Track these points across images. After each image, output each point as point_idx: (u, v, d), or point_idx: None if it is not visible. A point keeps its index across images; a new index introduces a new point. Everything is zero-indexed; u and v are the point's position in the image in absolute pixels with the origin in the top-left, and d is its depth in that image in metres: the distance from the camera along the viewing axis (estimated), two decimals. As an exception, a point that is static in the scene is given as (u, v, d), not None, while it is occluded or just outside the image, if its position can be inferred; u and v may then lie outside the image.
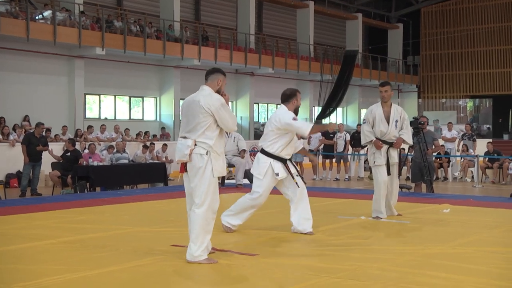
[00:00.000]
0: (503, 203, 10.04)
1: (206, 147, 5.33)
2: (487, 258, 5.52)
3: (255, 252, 5.68)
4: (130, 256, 5.59)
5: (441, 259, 5.48)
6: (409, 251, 5.85)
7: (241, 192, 11.80)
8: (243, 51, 25.71)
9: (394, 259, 5.46)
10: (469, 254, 5.71)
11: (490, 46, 34.56)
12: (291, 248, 5.92)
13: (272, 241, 6.32)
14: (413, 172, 12.13)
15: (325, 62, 29.52)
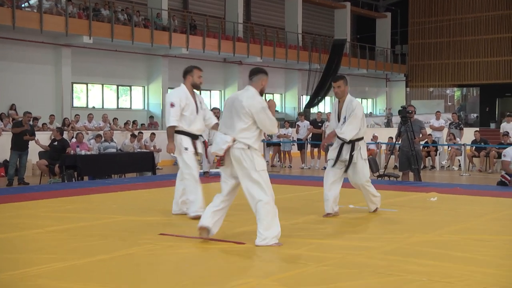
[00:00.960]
0: (489, 191, 10.12)
1: (246, 145, 5.56)
2: (474, 246, 5.57)
3: (242, 241, 5.69)
4: (119, 245, 5.59)
5: (428, 247, 5.52)
6: (397, 239, 5.88)
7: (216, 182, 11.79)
8: (231, 40, 25.63)
9: (382, 247, 5.49)
10: (456, 242, 5.75)
11: (477, 35, 34.70)
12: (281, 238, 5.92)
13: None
14: (400, 161, 12.18)
15: (313, 51, 29.51)
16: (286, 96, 30.86)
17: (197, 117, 7.21)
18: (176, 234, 6.05)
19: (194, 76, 7.19)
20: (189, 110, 7.12)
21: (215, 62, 26.53)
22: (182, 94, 7.11)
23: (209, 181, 11.77)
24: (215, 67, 26.73)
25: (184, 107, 7.09)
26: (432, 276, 4.48)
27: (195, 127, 7.21)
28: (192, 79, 7.19)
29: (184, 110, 7.09)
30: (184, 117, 7.12)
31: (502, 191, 10.03)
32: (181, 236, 5.92)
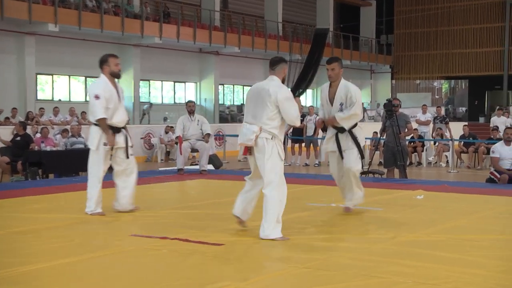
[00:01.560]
0: (478, 189, 10.24)
1: (271, 134, 5.90)
2: (462, 245, 5.63)
3: (221, 242, 5.70)
4: (87, 247, 5.56)
5: (414, 247, 5.58)
6: (381, 239, 5.93)
7: (205, 178, 11.81)
8: (207, 28, 25.56)
9: (366, 248, 5.54)
10: (443, 241, 5.81)
11: (466, 24, 35.01)
12: (256, 239, 5.94)
13: (239, 231, 6.33)
14: (385, 157, 12.27)
15: (294, 41, 29.56)
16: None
17: (118, 109, 7.28)
18: (149, 235, 6.04)
19: (111, 65, 7.27)
20: (112, 102, 7.20)
21: (190, 52, 26.45)
22: (104, 86, 7.19)
23: (184, 179, 11.75)
24: (190, 57, 26.66)
25: (108, 99, 7.15)
26: (418, 278, 4.53)
27: (117, 119, 7.28)
28: (110, 69, 7.27)
29: (108, 102, 7.15)
30: (106, 109, 7.17)
31: (491, 189, 10.17)
32: (154, 237, 5.91)
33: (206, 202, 8.54)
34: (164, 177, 11.91)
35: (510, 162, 11.02)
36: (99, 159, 7.24)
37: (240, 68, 28.93)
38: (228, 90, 30.34)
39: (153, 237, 5.94)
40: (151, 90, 26.58)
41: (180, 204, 8.44)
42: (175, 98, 27.40)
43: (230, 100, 30.42)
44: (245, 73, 29.37)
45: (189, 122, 12.63)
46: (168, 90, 27.38)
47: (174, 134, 14.21)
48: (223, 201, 8.59)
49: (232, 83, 29.94)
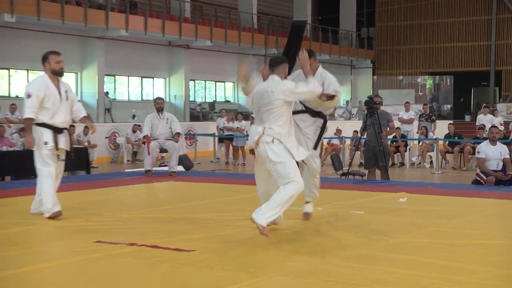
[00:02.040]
0: (463, 191, 10.37)
1: (274, 134, 6.12)
2: (446, 251, 5.70)
3: (193, 248, 5.70)
4: (45, 255, 5.52)
5: (396, 252, 5.63)
6: (362, 244, 5.98)
7: (174, 180, 11.78)
8: (177, 20, 25.50)
9: (345, 254, 5.58)
10: (427, 246, 5.88)
11: (451, 17, 35.36)
12: (229, 245, 5.96)
13: (211, 236, 6.34)
14: (366, 158, 12.36)
15: (270, 34, 29.61)
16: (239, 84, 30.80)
17: (61, 108, 7.34)
18: (114, 241, 6.01)
19: (51, 63, 7.34)
20: (50, 101, 7.25)
21: (158, 46, 26.35)
22: (41, 84, 7.26)
23: (152, 181, 11.72)
24: (158, 51, 26.56)
25: (44, 98, 7.22)
26: (399, 286, 4.58)
27: (58, 119, 7.34)
28: (50, 66, 7.33)
29: (44, 101, 7.22)
30: (45, 109, 7.24)
31: (477, 191, 10.29)
32: (120, 244, 5.89)
33: (175, 205, 8.53)
34: (131, 179, 11.85)
35: (497, 162, 11.17)
36: (43, 158, 7.31)
37: (212, 62, 28.89)
38: (199, 86, 30.29)
39: (119, 243, 5.91)
40: (116, 86, 26.44)
41: (148, 208, 8.42)
42: (142, 95, 27.29)
43: (202, 97, 30.38)
44: (218, 68, 29.35)
45: (158, 121, 12.59)
46: (135, 86, 27.26)
47: (142, 133, 14.16)
48: (194, 205, 8.59)
49: (204, 79, 29.90)
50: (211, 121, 25.33)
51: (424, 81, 36.90)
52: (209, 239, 6.15)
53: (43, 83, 7.28)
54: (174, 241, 6.03)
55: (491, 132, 11.65)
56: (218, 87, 30.89)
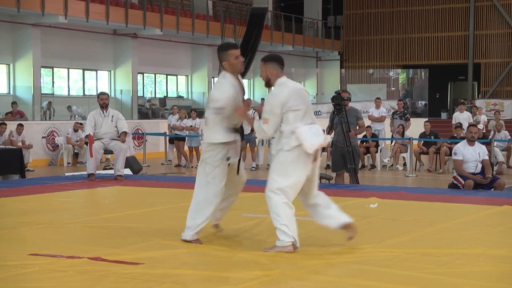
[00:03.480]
0: (439, 196, 10.50)
1: None
2: (418, 261, 5.78)
3: (141, 261, 5.68)
4: (-24, 270, 5.44)
5: (364, 264, 5.69)
6: (329, 255, 6.03)
7: (121, 185, 11.71)
8: (122, 6, 25.33)
9: (312, 265, 5.61)
10: (398, 257, 5.95)
11: (426, 5, 35.77)
12: (181, 257, 5.95)
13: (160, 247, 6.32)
14: (334, 159, 12.44)
15: (227, 22, 29.59)
16: (193, 78, 30.83)
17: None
18: (52, 253, 5.96)
19: None
20: None
21: (102, 35, 26.14)
22: None
23: (95, 186, 11.63)
24: (103, 40, 26.35)
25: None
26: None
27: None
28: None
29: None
30: None
31: (454, 196, 10.44)
32: (59, 256, 5.83)
33: (122, 213, 8.47)
34: (71, 184, 11.75)
35: (475, 164, 11.33)
36: None
37: (162, 53, 28.77)
38: (148, 80, 30.13)
39: (58, 256, 5.86)
40: (55, 80, 26.13)
41: (91, 217, 8.35)
42: (84, 89, 27.03)
43: (151, 92, 30.23)
44: (169, 60, 29.24)
45: (102, 118, 12.50)
46: (76, 79, 26.98)
47: (84, 132, 14.05)
48: (142, 212, 8.55)
49: (153, 72, 29.75)
50: (162, 118, 25.24)
51: (397, 75, 37.31)
52: (158, 251, 6.14)
53: None
54: (120, 253, 6.00)
55: (469, 132, 11.77)
56: (169, 81, 30.77)
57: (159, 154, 21.01)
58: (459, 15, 35.26)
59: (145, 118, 26.16)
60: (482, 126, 19.96)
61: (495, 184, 11.33)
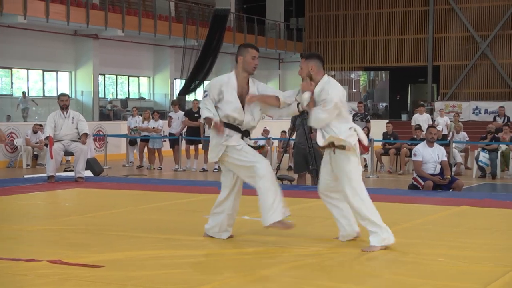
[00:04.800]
0: (400, 197, 10.61)
1: None
2: (379, 262, 5.84)
3: (102, 263, 5.64)
4: None
5: (327, 264, 5.72)
6: (290, 255, 6.04)
7: (81, 187, 11.61)
8: (83, 7, 25.13)
9: (272, 268, 5.63)
10: (360, 257, 6.00)
11: (387, 7, 36.11)
12: (142, 260, 5.91)
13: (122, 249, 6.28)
14: (296, 161, 12.48)
15: (189, 23, 29.55)
16: (155, 79, 30.71)
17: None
18: (11, 257, 5.88)
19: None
20: None
21: (63, 35, 25.91)
22: None
23: (55, 188, 11.52)
24: (63, 41, 26.11)
25: None
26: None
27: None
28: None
29: None
30: None
31: (414, 197, 10.56)
32: (18, 260, 5.76)
33: (82, 216, 8.40)
34: (31, 186, 11.62)
35: (434, 165, 11.47)
36: None
37: (124, 55, 28.60)
38: (110, 81, 29.94)
39: (17, 259, 5.79)
40: (14, 81, 25.81)
41: (51, 219, 8.27)
42: (44, 91, 26.76)
43: (113, 93, 30.03)
44: (131, 61, 29.08)
45: (62, 120, 12.40)
46: (35, 80, 26.70)
47: (44, 134, 13.89)
48: (103, 214, 8.50)
49: (115, 73, 29.57)
50: (124, 120, 25.05)
51: (358, 77, 37.60)
52: (120, 253, 6.10)
53: None
54: (81, 255, 5.94)
55: (429, 133, 11.92)
56: (131, 82, 30.61)
57: (121, 156, 20.87)
58: (419, 18, 35.66)
59: (106, 119, 25.97)
60: (442, 127, 20.16)
61: (453, 185, 11.49)
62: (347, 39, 37.02)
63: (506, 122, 20.27)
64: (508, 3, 33.71)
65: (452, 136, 18.60)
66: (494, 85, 34.39)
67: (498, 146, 16.61)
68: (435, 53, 35.39)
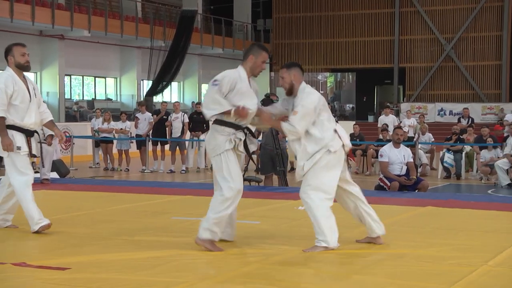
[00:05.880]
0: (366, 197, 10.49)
1: None
2: (345, 262, 5.88)
3: (67, 266, 5.59)
4: None
5: (292, 264, 5.74)
6: (257, 258, 6.03)
7: (47, 189, 11.50)
8: (49, 7, 24.91)
9: (238, 268, 5.62)
10: (326, 258, 6.02)
11: (353, 9, 36.29)
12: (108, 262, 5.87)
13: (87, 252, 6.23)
14: (263, 162, 12.48)
15: (156, 24, 29.43)
16: (122, 80, 30.53)
17: (31, 108, 7.13)
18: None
19: (16, 55, 7.15)
20: (18, 98, 7.04)
21: (28, 36, 25.60)
22: (8, 79, 7.04)
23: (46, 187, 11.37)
24: (28, 41, 25.68)
25: (13, 95, 7.00)
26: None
27: (29, 120, 7.13)
28: (14, 60, 7.15)
29: (12, 98, 6.99)
30: (14, 107, 7.02)
31: (380, 197, 10.61)
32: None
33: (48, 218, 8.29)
34: (-4, 189, 11.45)
35: (400, 166, 11.56)
36: (16, 166, 7.05)
37: (90, 55, 28.39)
38: (76, 82, 29.70)
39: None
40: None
41: (15, 222, 8.16)
42: (9, 91, 26.43)
43: (79, 94, 29.80)
44: (97, 62, 28.88)
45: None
46: None
47: (8, 135, 13.69)
48: (69, 217, 8.43)
49: (81, 74, 29.34)
50: (90, 121, 24.87)
51: (325, 78, 37.77)
52: (85, 256, 6.05)
53: (11, 78, 7.01)
54: (46, 258, 5.89)
55: (395, 134, 12.02)
56: (98, 83, 30.40)
57: (87, 157, 20.71)
58: (385, 21, 35.90)
59: (72, 120, 25.75)
60: (408, 129, 20.34)
61: (419, 186, 11.59)
62: (314, 41, 37.12)
63: (470, 123, 20.51)
64: (472, 6, 34.12)
65: (418, 137, 18.77)
66: (459, 87, 34.77)
67: (462, 147, 16.80)
68: (401, 55, 35.67)
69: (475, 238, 7.10)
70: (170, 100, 28.02)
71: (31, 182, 7.18)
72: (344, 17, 36.53)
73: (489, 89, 34.39)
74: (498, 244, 6.63)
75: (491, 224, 8.11)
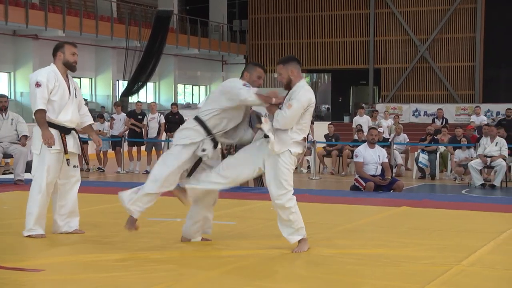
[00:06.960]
0: (342, 198, 10.71)
1: None
2: (320, 262, 5.88)
3: (42, 267, 5.55)
4: None
5: (263, 264, 5.77)
6: (231, 259, 6.03)
7: (21, 190, 11.41)
8: (22, 6, 24.71)
9: (215, 269, 5.62)
10: (301, 259, 6.03)
11: (329, 10, 36.39)
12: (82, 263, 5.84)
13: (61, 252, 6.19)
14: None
15: (132, 24, 29.34)
16: (97, 81, 30.37)
17: (68, 106, 7.10)
18: None
19: (66, 53, 7.17)
20: (57, 94, 7.01)
21: (1, 36, 25.44)
22: (51, 74, 7.05)
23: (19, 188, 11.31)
24: (1, 41, 25.64)
25: (53, 90, 7.00)
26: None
27: (65, 117, 7.08)
28: (64, 57, 7.17)
29: (52, 94, 6.98)
30: (51, 103, 6.99)
31: (356, 198, 10.68)
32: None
33: (21, 219, 8.22)
34: (-31, 190, 11.38)
35: (375, 167, 11.63)
36: (43, 164, 6.99)
37: (65, 55, 28.21)
38: (50, 82, 29.47)
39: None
40: (-50, 81, 25.24)
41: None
42: (-18, 92, 26.22)
43: (53, 94, 29.58)
44: (72, 62, 28.66)
45: (1, 121, 12.26)
46: (-27, 81, 26.15)
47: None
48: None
49: (56, 74, 29.12)
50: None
51: (301, 79, 37.77)
52: (60, 257, 6.02)
53: (53, 72, 7.03)
54: (20, 259, 5.85)
55: (370, 134, 12.10)
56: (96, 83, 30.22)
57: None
58: (360, 21, 36.04)
59: (47, 121, 25.55)
60: (383, 130, 20.43)
61: (394, 186, 11.67)
62: (289, 42, 37.20)
63: (444, 124, 20.63)
64: (446, 8, 34.36)
65: (393, 137, 18.86)
66: (433, 88, 35.00)
67: (437, 148, 16.92)
68: (376, 56, 35.82)
69: (449, 238, 7.16)
70: (146, 101, 27.91)
71: (45, 187, 7.08)
72: (319, 18, 36.63)
73: (462, 90, 34.66)
74: (472, 244, 6.69)
75: (464, 224, 8.18)
